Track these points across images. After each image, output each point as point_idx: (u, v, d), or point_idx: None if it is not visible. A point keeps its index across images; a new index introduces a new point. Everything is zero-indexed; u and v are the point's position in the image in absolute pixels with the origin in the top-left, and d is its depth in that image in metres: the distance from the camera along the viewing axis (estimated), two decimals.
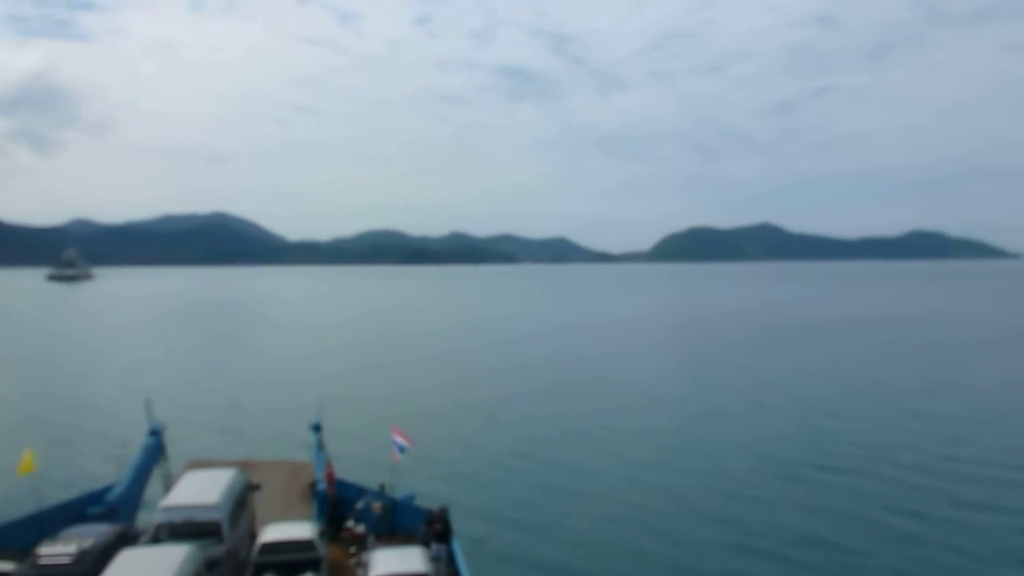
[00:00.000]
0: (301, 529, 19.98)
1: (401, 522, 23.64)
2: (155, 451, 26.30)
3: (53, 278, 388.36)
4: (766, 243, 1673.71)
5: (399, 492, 25.12)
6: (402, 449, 25.26)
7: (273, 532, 19.80)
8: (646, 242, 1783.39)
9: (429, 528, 21.71)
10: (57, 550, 18.00)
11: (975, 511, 30.13)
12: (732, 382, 61.73)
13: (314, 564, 18.98)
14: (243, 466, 25.55)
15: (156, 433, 26.70)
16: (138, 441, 26.87)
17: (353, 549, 22.20)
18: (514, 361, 75.71)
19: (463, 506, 29.56)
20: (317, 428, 27.33)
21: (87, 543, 18.44)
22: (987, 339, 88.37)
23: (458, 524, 23.70)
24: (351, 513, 23.84)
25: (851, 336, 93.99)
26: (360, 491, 24.83)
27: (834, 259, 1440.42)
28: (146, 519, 22.00)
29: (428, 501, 24.88)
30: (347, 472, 28.01)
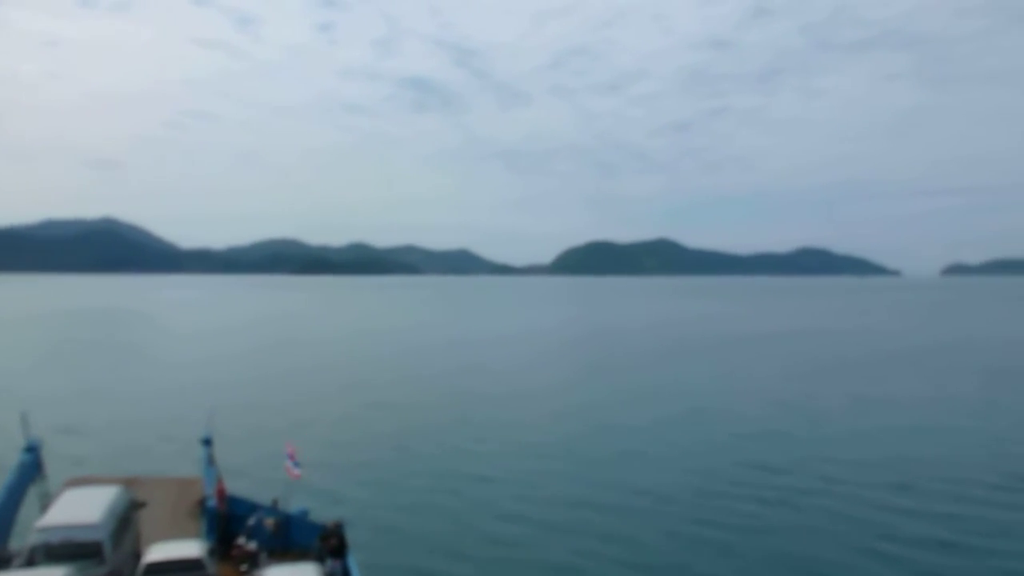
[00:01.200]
0: (189, 547, 19.31)
1: (295, 538, 23.14)
2: (31, 469, 24.88)
3: None
4: (664, 258, 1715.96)
5: (293, 507, 24.58)
6: (297, 464, 24.78)
7: (159, 551, 19.06)
8: (547, 255, 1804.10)
9: (324, 544, 21.34)
10: None
11: (871, 516, 31.60)
12: (631, 394, 62.93)
13: None
14: (127, 483, 24.50)
15: (33, 449, 25.28)
16: (12, 458, 25.44)
17: (244, 567, 21.60)
18: (412, 373, 75.26)
19: (359, 520, 29.16)
20: (207, 442, 26.48)
21: None
22: (890, 353, 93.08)
23: (354, 539, 23.37)
24: (242, 530, 23.19)
25: (753, 350, 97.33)
26: (252, 507, 24.18)
27: (728, 274, 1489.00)
28: (20, 542, 20.84)
29: (323, 516, 24.46)
30: (239, 487, 27.25)
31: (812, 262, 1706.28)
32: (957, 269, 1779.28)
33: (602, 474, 38.07)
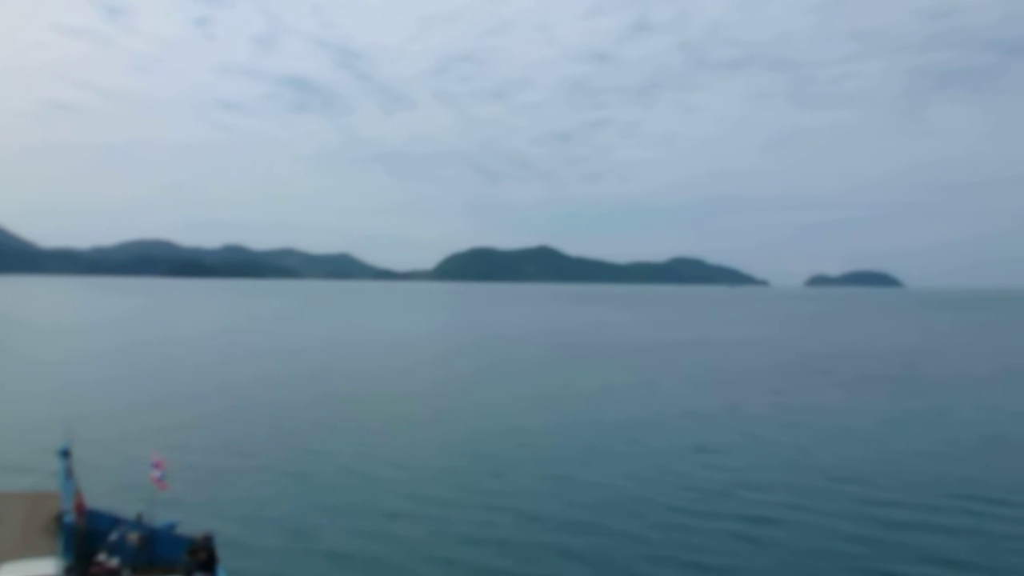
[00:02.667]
0: (43, 566, 18.24)
1: (161, 553, 22.13)
2: None
3: None
4: (545, 265, 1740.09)
5: (159, 520, 23.51)
6: (164, 475, 23.78)
7: (10, 572, 17.94)
8: (429, 261, 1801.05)
9: (192, 558, 20.56)
10: None
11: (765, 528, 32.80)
12: (519, 399, 63.27)
13: None
14: None
15: None
16: None
17: None
18: (283, 377, 73.10)
19: (230, 532, 28.20)
20: (65, 453, 24.99)
21: None
22: (793, 361, 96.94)
23: (224, 552, 22.61)
24: (104, 546, 22.02)
25: (642, 357, 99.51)
26: (115, 521, 22.99)
27: (607, 282, 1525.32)
28: None
29: (191, 529, 23.51)
30: (101, 501, 25.88)
31: (686, 271, 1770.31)
32: (819, 280, 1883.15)
33: (483, 478, 38.08)
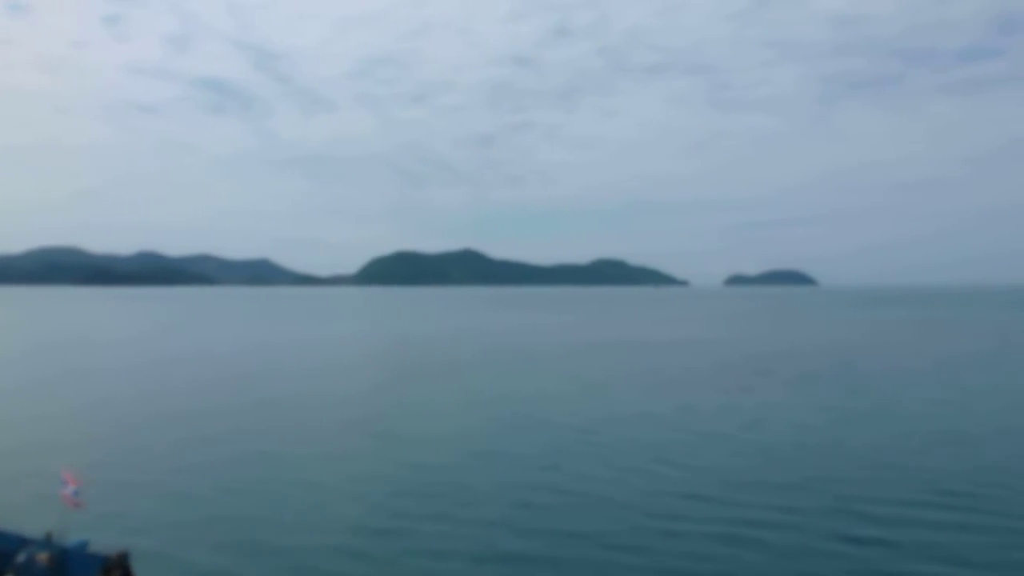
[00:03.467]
0: None
1: (73, 573, 21.05)
2: None
3: None
4: (470, 268, 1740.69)
5: (71, 539, 22.35)
6: (76, 491, 22.64)
7: None
8: (352, 265, 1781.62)
9: None
10: None
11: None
12: (441, 404, 62.60)
13: None
14: None
15: None
16: None
17: None
18: (199, 384, 70.70)
19: (147, 550, 27.01)
20: None
21: None
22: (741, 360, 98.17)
23: (140, 570, 21.64)
24: (10, 568, 20.86)
25: (568, 360, 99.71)
26: (22, 541, 21.77)
27: (532, 284, 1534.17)
28: None
29: (105, 547, 22.39)
30: (5, 520, 24.50)
31: (609, 273, 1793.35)
32: (738, 280, 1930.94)
33: (418, 483, 37.43)
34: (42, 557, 20.89)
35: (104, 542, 23.96)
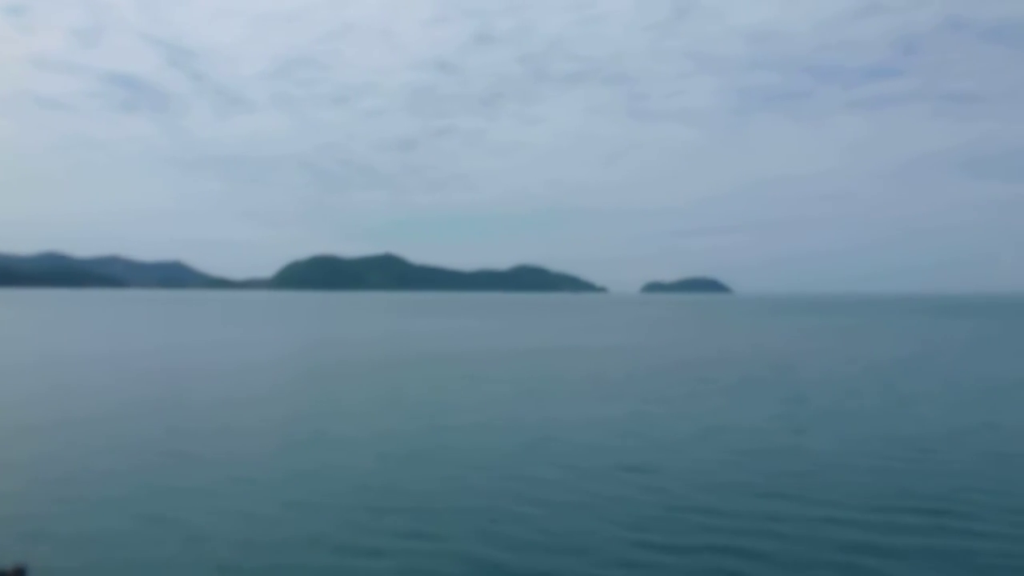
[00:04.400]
0: None
1: None
2: None
3: None
4: (389, 273, 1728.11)
5: None
6: None
7: None
8: (268, 268, 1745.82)
9: None
10: None
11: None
12: (356, 408, 59.65)
13: None
14: None
15: None
16: None
17: None
18: (100, 390, 65.85)
19: (46, 562, 23.65)
20: None
21: None
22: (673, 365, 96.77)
23: None
24: None
25: (501, 366, 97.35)
26: None
27: (452, 289, 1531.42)
28: None
29: (1, 560, 19.16)
30: None
31: (530, 279, 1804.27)
32: (654, 287, 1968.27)
33: (334, 492, 34.67)
34: None
35: (1, 554, 20.62)
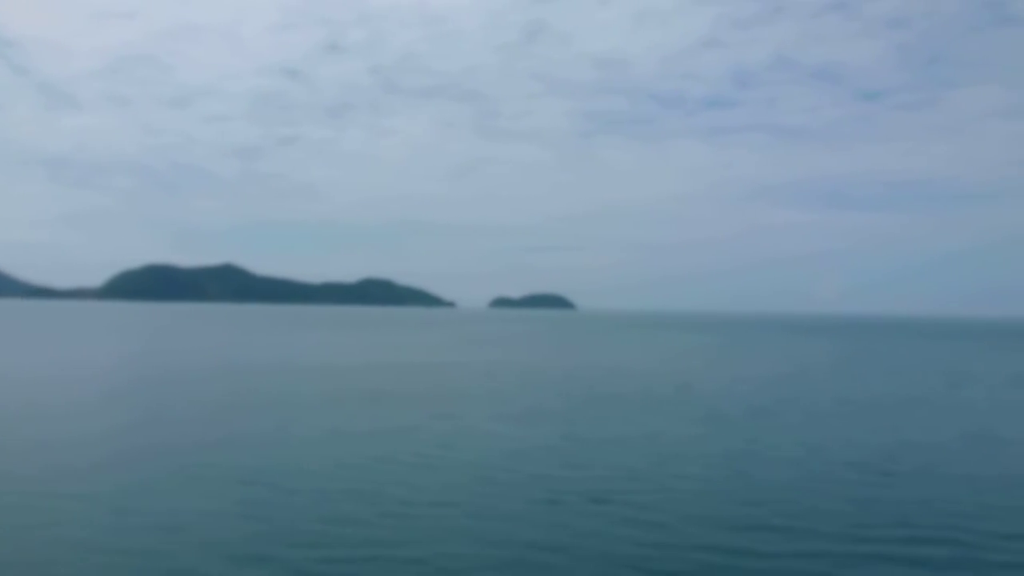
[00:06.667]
0: None
1: None
2: None
3: None
4: (230, 284, 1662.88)
5: None
6: None
7: None
8: (97, 278, 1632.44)
9: None
10: None
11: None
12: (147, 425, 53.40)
13: None
14: None
15: None
16: None
17: None
18: None
19: None
20: None
21: None
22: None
23: None
24: None
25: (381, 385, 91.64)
26: None
27: (296, 302, 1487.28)
28: None
29: None
30: None
31: (377, 293, 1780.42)
32: (502, 302, 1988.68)
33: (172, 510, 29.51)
34: None
35: None
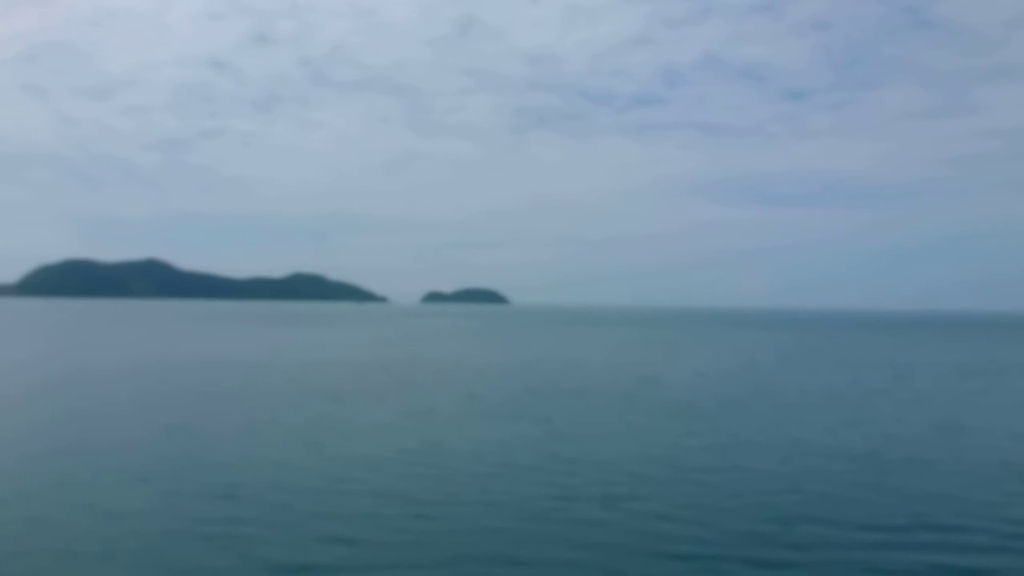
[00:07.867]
0: None
1: None
2: None
3: None
4: (154, 280, 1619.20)
5: None
6: None
7: None
8: (13, 274, 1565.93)
9: None
10: None
11: None
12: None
13: None
14: None
15: None
16: None
17: None
18: None
19: None
20: None
21: None
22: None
23: None
24: None
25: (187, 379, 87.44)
26: None
27: (224, 298, 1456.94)
28: None
29: None
30: None
31: (307, 288, 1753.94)
32: (435, 297, 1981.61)
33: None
34: None
35: None
